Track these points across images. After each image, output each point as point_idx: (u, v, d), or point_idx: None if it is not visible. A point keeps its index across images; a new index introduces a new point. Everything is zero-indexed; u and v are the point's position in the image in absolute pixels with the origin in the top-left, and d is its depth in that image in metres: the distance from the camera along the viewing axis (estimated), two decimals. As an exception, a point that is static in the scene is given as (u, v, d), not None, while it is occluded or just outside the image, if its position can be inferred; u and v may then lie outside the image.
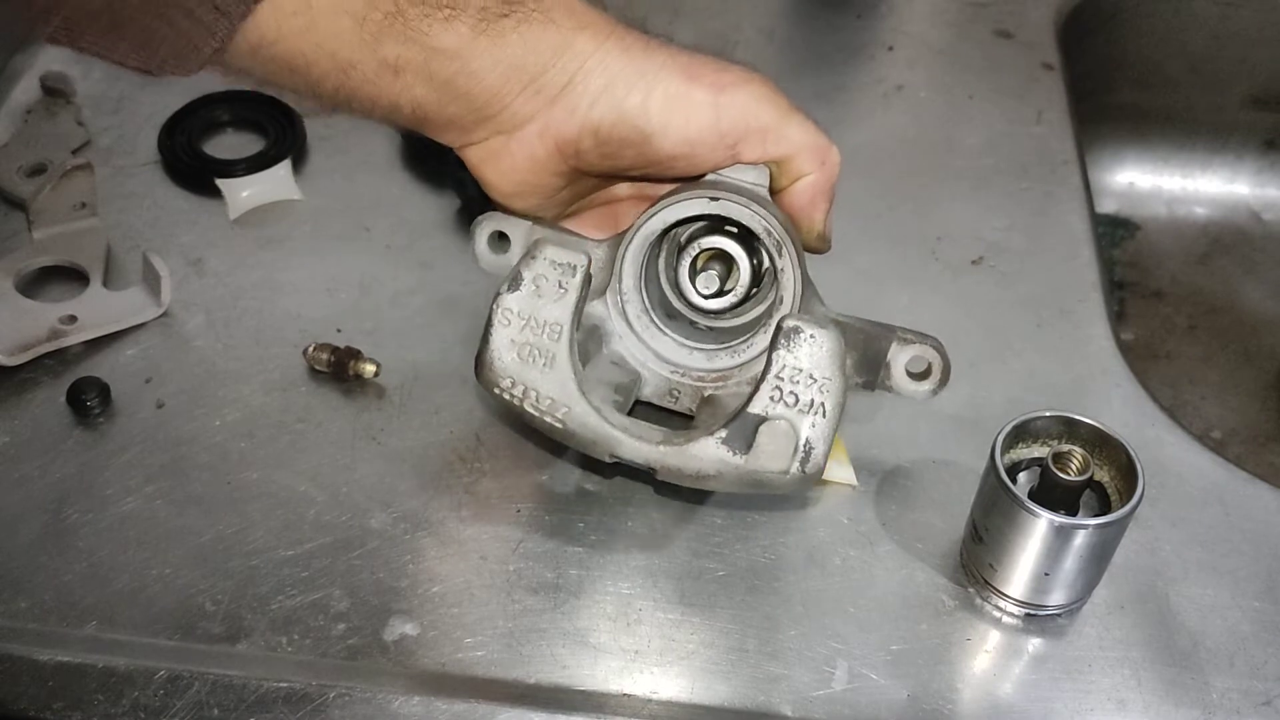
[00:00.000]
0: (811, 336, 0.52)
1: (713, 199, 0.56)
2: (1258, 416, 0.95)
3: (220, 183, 0.77)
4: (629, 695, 0.56)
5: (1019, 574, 0.57)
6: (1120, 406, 0.68)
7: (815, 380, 0.52)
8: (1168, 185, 1.09)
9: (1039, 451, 0.58)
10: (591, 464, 0.63)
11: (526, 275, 0.52)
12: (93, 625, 0.57)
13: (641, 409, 0.62)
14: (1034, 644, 0.58)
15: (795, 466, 0.53)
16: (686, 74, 0.55)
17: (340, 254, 0.75)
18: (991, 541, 0.57)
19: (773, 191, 0.58)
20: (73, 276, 0.73)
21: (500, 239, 0.60)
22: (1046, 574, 0.56)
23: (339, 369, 0.67)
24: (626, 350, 0.61)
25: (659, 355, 0.61)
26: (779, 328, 0.52)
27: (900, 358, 0.58)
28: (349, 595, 0.58)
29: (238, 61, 0.52)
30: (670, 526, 0.62)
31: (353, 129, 0.83)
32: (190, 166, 0.79)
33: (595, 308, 0.60)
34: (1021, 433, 0.57)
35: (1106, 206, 1.08)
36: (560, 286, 0.52)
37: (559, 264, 0.52)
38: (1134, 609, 0.59)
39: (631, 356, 0.61)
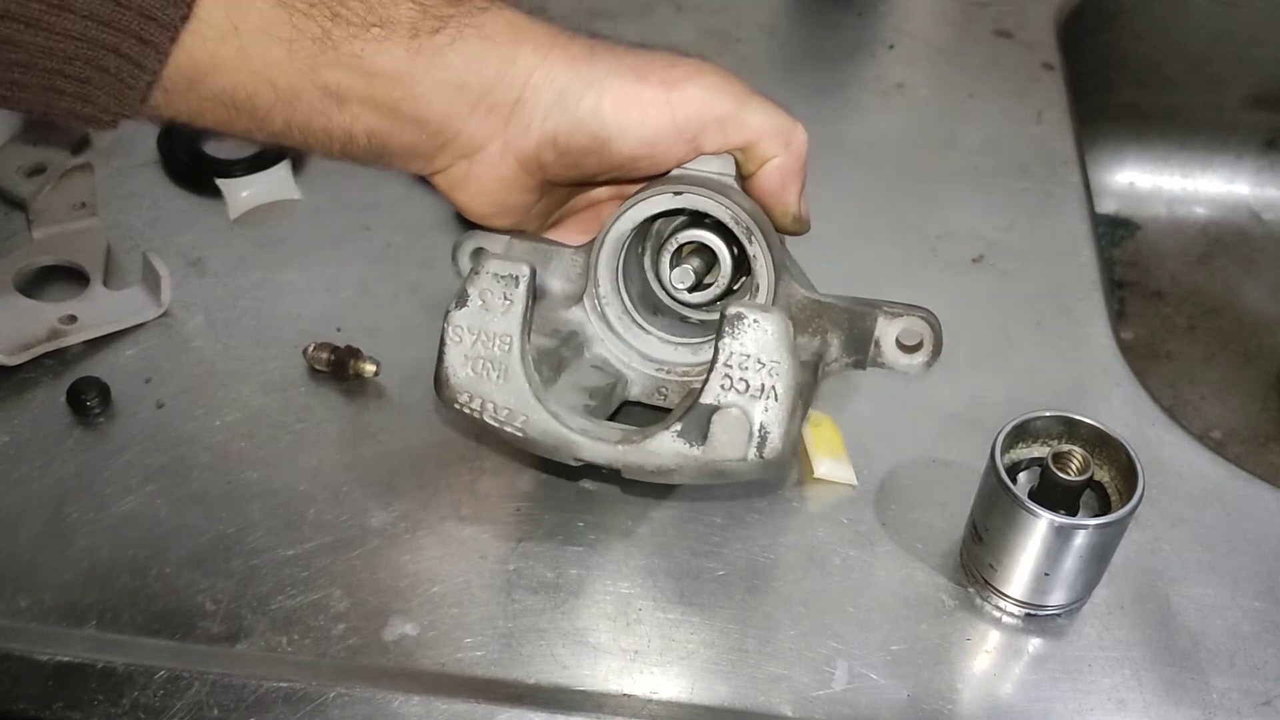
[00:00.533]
0: (755, 322, 0.51)
1: (676, 193, 0.56)
2: (1258, 416, 0.95)
3: (220, 183, 0.77)
4: (629, 695, 0.56)
5: (1019, 574, 0.57)
6: (1120, 406, 0.68)
7: (764, 365, 0.51)
8: (1168, 185, 1.09)
9: (1039, 451, 0.58)
10: (562, 468, 0.63)
11: (472, 291, 0.52)
12: (93, 625, 0.57)
13: (633, 410, 0.62)
14: (1034, 644, 0.58)
15: (752, 453, 0.52)
16: (636, 75, 0.55)
17: (340, 254, 0.75)
18: (991, 541, 0.57)
19: (742, 179, 0.58)
20: (73, 276, 0.73)
21: (481, 255, 0.60)
22: (1046, 574, 0.56)
23: (339, 369, 0.67)
24: (609, 352, 0.61)
25: (643, 354, 0.61)
26: (722, 316, 0.52)
27: (889, 332, 0.57)
28: (349, 595, 0.58)
29: (179, 102, 0.51)
30: (670, 526, 0.62)
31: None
32: (190, 166, 0.79)
33: (574, 314, 0.60)
34: (1021, 433, 0.57)
35: (1106, 206, 1.08)
36: (505, 299, 0.52)
37: (501, 276, 0.52)
38: (1134, 609, 0.59)
39: (615, 358, 0.61)
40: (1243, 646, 0.58)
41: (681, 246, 0.59)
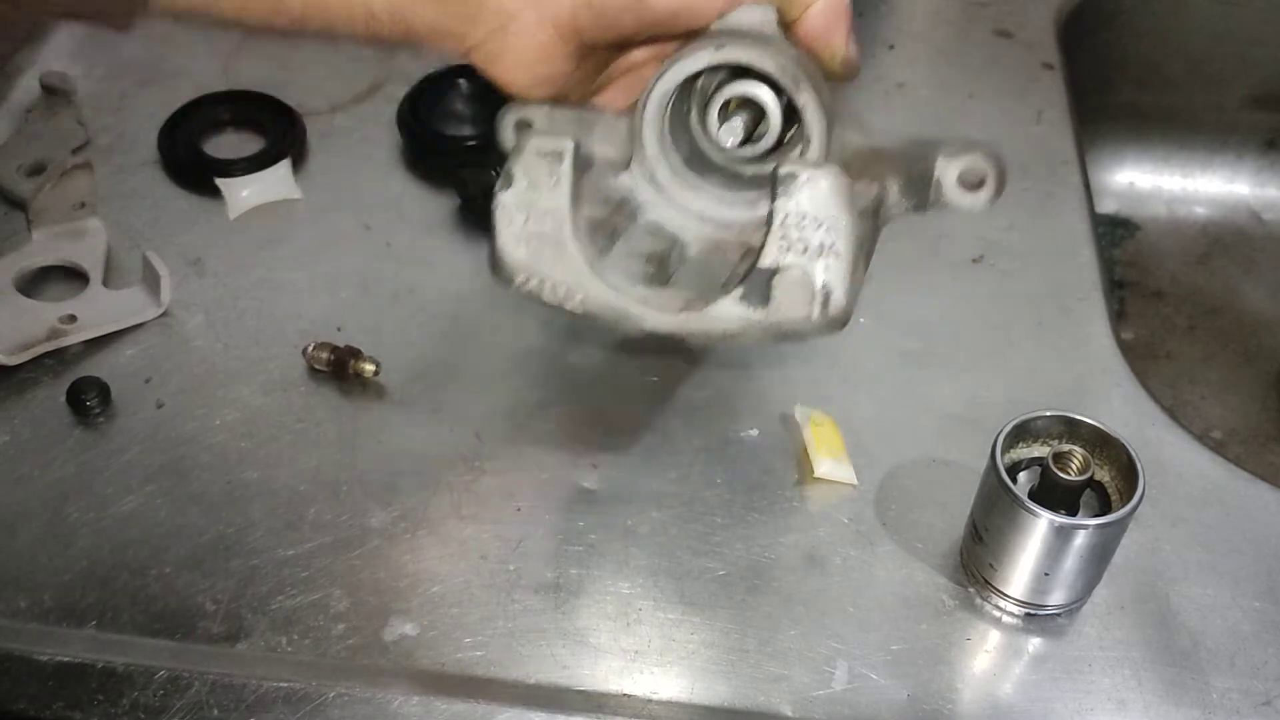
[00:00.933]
0: (808, 179, 0.49)
1: (717, 48, 0.53)
2: (1258, 416, 0.95)
3: (220, 182, 0.77)
4: (629, 695, 0.56)
5: (1019, 574, 0.57)
6: (1120, 406, 0.68)
7: (821, 223, 0.49)
8: (1168, 185, 1.09)
9: (1039, 451, 0.58)
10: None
11: (517, 171, 0.51)
12: (93, 625, 0.57)
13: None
14: (1034, 644, 0.58)
15: (817, 312, 0.50)
16: None
17: (340, 254, 0.75)
18: (991, 541, 0.57)
19: (785, 26, 0.55)
20: (73, 276, 0.73)
21: (524, 127, 0.57)
22: (1046, 574, 0.56)
23: (339, 368, 0.67)
24: (662, 216, 0.58)
25: (699, 215, 0.58)
26: (774, 176, 0.50)
27: (949, 172, 0.54)
28: (349, 595, 0.58)
29: None
30: (670, 526, 0.62)
31: (353, 129, 0.83)
32: (190, 166, 0.79)
33: (623, 180, 0.57)
34: (1021, 433, 0.57)
35: (1106, 206, 1.08)
36: (551, 175, 0.51)
37: (545, 153, 0.51)
38: (1134, 609, 0.59)
39: (669, 222, 0.58)
40: (1243, 646, 0.58)
41: (728, 102, 0.56)
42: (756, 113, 0.56)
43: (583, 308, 0.52)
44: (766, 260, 0.50)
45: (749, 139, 0.56)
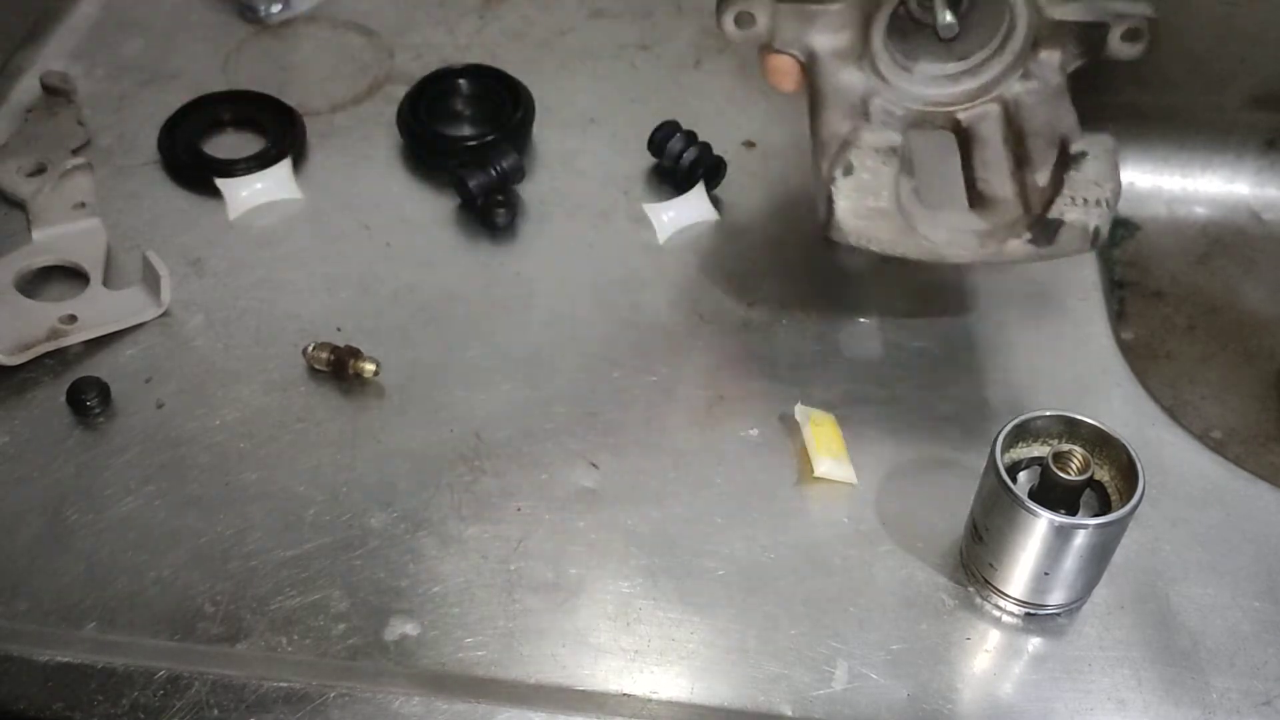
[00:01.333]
0: (1096, 157, 0.60)
1: None
2: (1258, 416, 0.95)
3: (220, 183, 0.77)
4: (629, 695, 0.56)
5: (1019, 574, 0.57)
6: (1120, 406, 0.68)
7: (1100, 185, 0.60)
8: (1168, 185, 1.09)
9: (1039, 451, 0.58)
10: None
11: (855, 161, 0.59)
12: (92, 626, 0.57)
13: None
14: (1034, 644, 0.58)
15: (1088, 246, 0.62)
16: None
17: (340, 253, 0.75)
18: (991, 541, 0.57)
19: None
20: (73, 276, 0.73)
21: (747, 19, 0.65)
22: (1046, 574, 0.56)
23: (339, 368, 0.67)
24: (886, 102, 0.67)
25: (914, 96, 0.67)
26: (1066, 152, 0.60)
27: (1116, 30, 0.66)
28: (349, 595, 0.58)
29: None
30: (670, 526, 0.62)
31: (353, 129, 0.83)
32: (190, 166, 0.79)
33: (852, 77, 0.66)
34: (1021, 432, 0.57)
35: (1106, 206, 1.08)
36: (885, 164, 0.59)
37: (879, 149, 0.59)
38: (1134, 609, 0.59)
39: (894, 105, 0.67)
40: (1243, 646, 0.58)
41: None
42: None
43: (904, 255, 0.62)
44: (1054, 213, 0.61)
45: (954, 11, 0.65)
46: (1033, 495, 0.55)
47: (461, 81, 0.84)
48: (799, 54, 0.67)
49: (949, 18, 0.65)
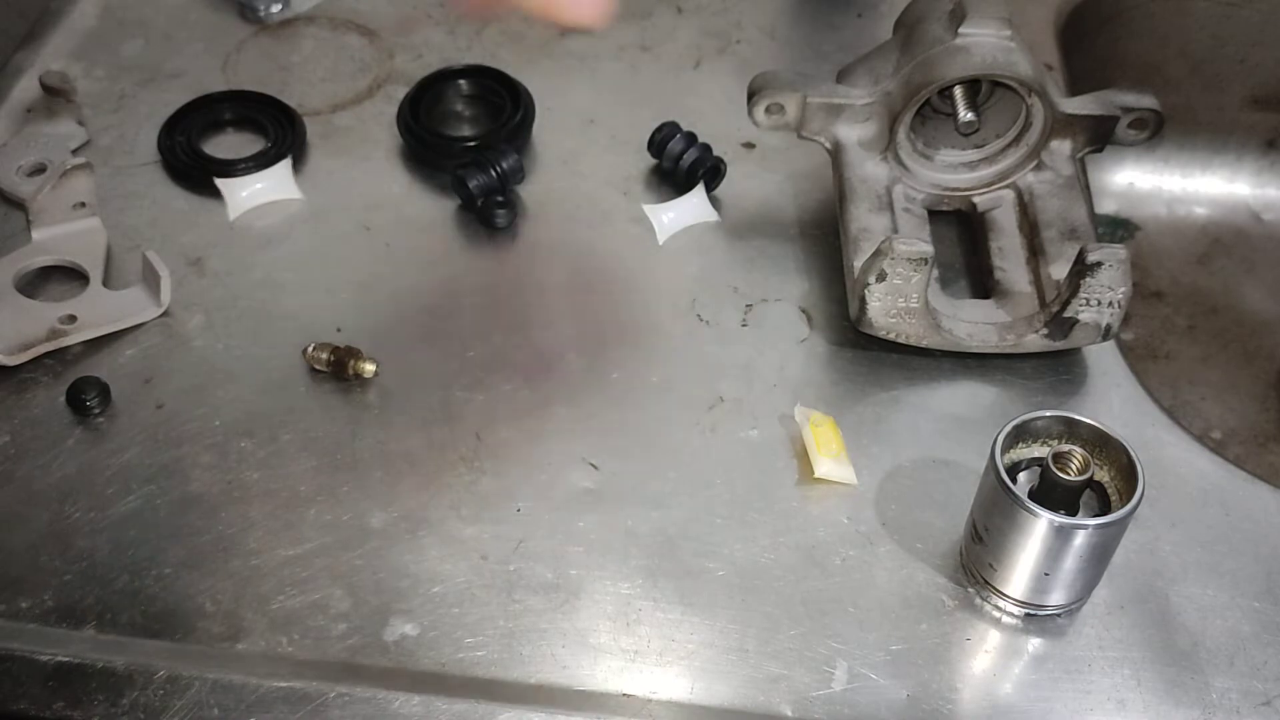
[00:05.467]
0: (1110, 266, 0.63)
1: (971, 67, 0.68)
2: (1258, 416, 0.95)
3: (220, 183, 0.77)
4: (629, 695, 0.56)
5: (1019, 574, 0.57)
6: (1120, 406, 0.68)
7: (1112, 289, 0.64)
8: (1168, 185, 1.09)
9: (1039, 451, 0.58)
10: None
11: (888, 269, 0.63)
12: (93, 625, 0.57)
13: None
14: (1034, 644, 0.58)
15: (1098, 341, 0.67)
16: None
17: (340, 253, 0.75)
18: (991, 541, 0.57)
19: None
20: (73, 276, 0.73)
21: (777, 110, 0.72)
22: (1046, 574, 0.56)
23: (339, 368, 0.67)
24: (907, 188, 0.73)
25: (932, 183, 0.73)
26: (1083, 260, 0.63)
27: (1124, 120, 0.73)
28: (349, 595, 0.58)
29: None
30: (670, 526, 0.62)
31: (353, 129, 0.83)
32: (190, 166, 0.79)
33: (878, 170, 0.72)
34: (1021, 433, 0.57)
35: (1106, 206, 1.08)
36: (915, 271, 0.63)
37: (912, 258, 0.63)
38: (1134, 609, 0.59)
39: (915, 190, 0.73)
40: (1243, 646, 0.58)
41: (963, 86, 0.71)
42: (975, 89, 0.71)
43: (929, 346, 0.68)
44: (1070, 312, 0.66)
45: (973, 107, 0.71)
46: (1033, 496, 0.55)
47: (461, 82, 0.84)
48: (826, 142, 0.73)
49: (970, 115, 0.69)
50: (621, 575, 0.60)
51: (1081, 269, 0.64)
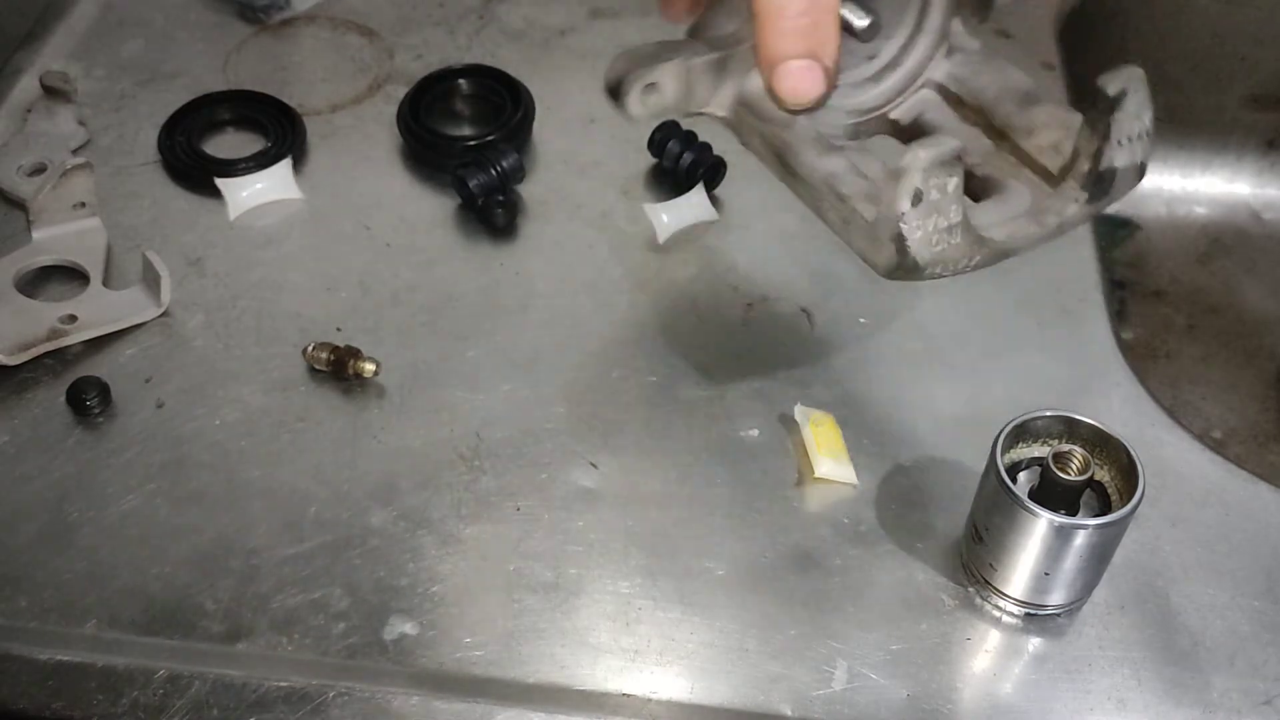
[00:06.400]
0: (1135, 90, 0.55)
1: None
2: (1258, 416, 0.95)
3: (220, 183, 0.77)
4: (629, 695, 0.56)
5: (1019, 574, 0.57)
6: (1120, 406, 0.68)
7: (1140, 118, 0.56)
8: (1168, 185, 1.09)
9: (1039, 451, 0.58)
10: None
11: (921, 184, 0.53)
12: (92, 624, 0.57)
13: None
14: (1034, 644, 0.58)
15: (1138, 180, 0.58)
16: None
17: (340, 253, 0.75)
18: (991, 541, 0.57)
19: None
20: (73, 276, 0.73)
21: (653, 90, 0.56)
22: (1046, 574, 0.56)
23: (339, 368, 0.67)
24: (821, 127, 0.60)
25: (847, 113, 0.62)
26: (1104, 95, 0.55)
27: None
28: (349, 594, 0.58)
29: None
30: (670, 526, 0.62)
31: (353, 129, 0.83)
32: (190, 166, 0.79)
33: (789, 118, 0.59)
34: (1021, 432, 0.57)
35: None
36: (950, 175, 0.53)
37: (943, 161, 0.52)
38: (1134, 609, 0.59)
39: (830, 127, 0.61)
40: (1243, 646, 0.58)
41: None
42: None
43: (975, 268, 0.57)
44: (1105, 163, 0.56)
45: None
46: (1033, 495, 0.55)
47: (461, 81, 0.84)
48: (720, 109, 0.60)
49: (866, 20, 0.58)
50: (621, 575, 0.60)
51: (1107, 105, 0.55)
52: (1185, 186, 1.09)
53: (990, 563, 0.57)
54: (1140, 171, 0.58)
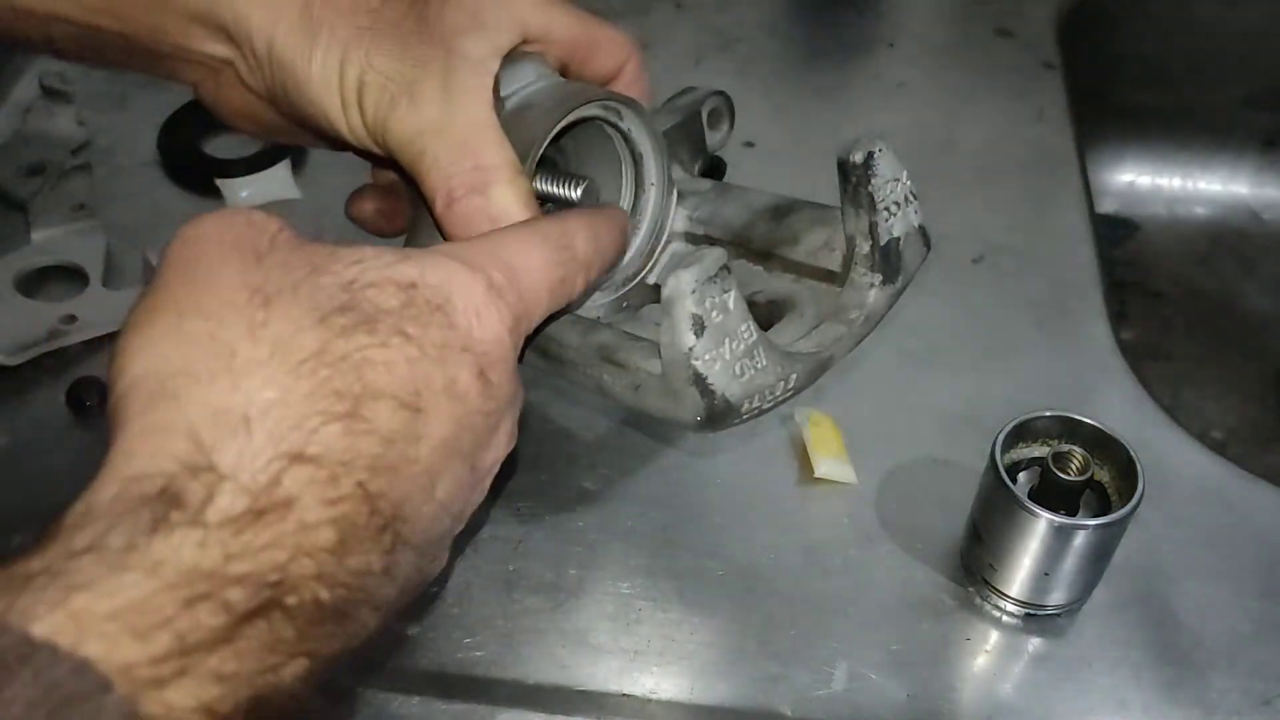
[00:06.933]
0: (881, 152, 0.51)
1: (604, 104, 0.52)
2: (1258, 416, 0.95)
3: (220, 183, 0.77)
4: (629, 695, 0.56)
5: (1019, 574, 0.57)
6: (1120, 406, 0.68)
7: (898, 179, 0.52)
8: (1168, 185, 1.09)
9: (1039, 451, 0.58)
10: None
11: (698, 309, 0.46)
12: (93, 625, 0.57)
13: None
14: (1034, 644, 0.58)
15: (927, 247, 0.54)
16: None
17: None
18: (991, 541, 0.57)
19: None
20: (73, 276, 0.73)
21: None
22: (1046, 574, 0.56)
23: (339, 369, 0.67)
24: (593, 309, 0.56)
25: (605, 288, 0.57)
26: (851, 165, 0.50)
27: (704, 116, 0.59)
28: (349, 595, 0.58)
29: None
30: (670, 526, 0.62)
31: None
32: (190, 166, 0.79)
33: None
34: (1021, 433, 0.57)
35: (1106, 206, 1.08)
36: (726, 290, 0.47)
37: (712, 275, 0.46)
38: (1134, 609, 0.59)
39: (595, 309, 0.57)
40: (1243, 646, 0.58)
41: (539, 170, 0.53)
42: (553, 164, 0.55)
43: (796, 391, 0.51)
44: (883, 236, 0.52)
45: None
46: (1033, 495, 0.55)
47: (461, 81, 0.84)
48: None
49: (578, 189, 0.52)
50: (621, 575, 0.60)
51: (860, 174, 0.50)
52: (1185, 186, 1.10)
53: (990, 563, 0.57)
54: (925, 237, 0.54)
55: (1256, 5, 1.01)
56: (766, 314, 0.54)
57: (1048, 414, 0.58)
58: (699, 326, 0.46)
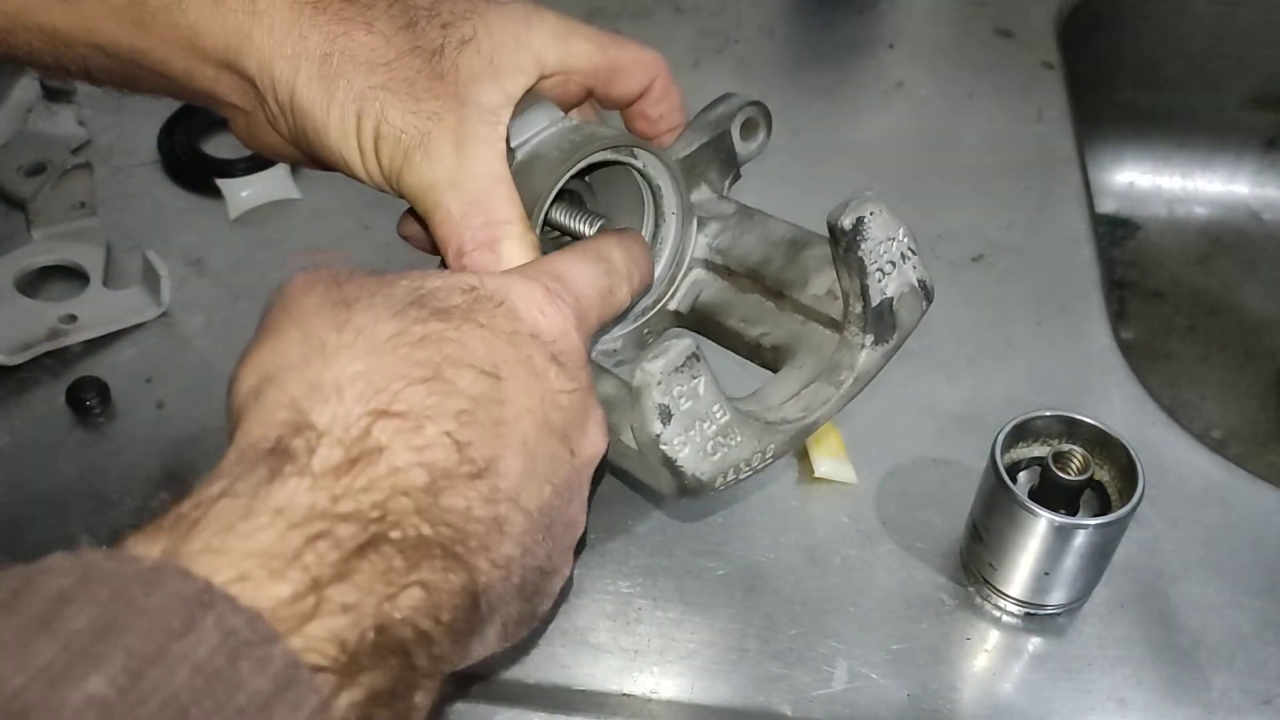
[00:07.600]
0: (874, 214, 0.51)
1: (620, 148, 0.53)
2: (1258, 416, 0.95)
3: (220, 182, 0.77)
4: (629, 695, 0.56)
5: (1019, 573, 0.57)
6: (1120, 406, 0.68)
7: (894, 239, 0.52)
8: (1168, 185, 1.09)
9: (1039, 451, 0.58)
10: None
11: (666, 401, 0.48)
12: (93, 625, 0.57)
13: None
14: (1034, 643, 0.58)
15: (926, 302, 0.54)
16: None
17: (340, 253, 0.75)
18: (991, 541, 0.57)
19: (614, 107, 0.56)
20: (73, 276, 0.73)
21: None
22: (1046, 573, 0.56)
23: (339, 369, 0.67)
24: (604, 342, 0.58)
25: (628, 317, 0.58)
26: (840, 229, 0.51)
27: (736, 130, 0.59)
28: (349, 595, 0.58)
29: None
30: (670, 526, 0.62)
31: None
32: (190, 166, 0.79)
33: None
34: (1021, 432, 0.57)
35: (1106, 206, 1.08)
36: (695, 375, 0.48)
37: (682, 365, 0.48)
38: (1134, 608, 0.59)
39: (611, 341, 0.58)
40: (1243, 646, 0.58)
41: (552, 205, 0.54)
42: (577, 196, 0.56)
43: (779, 454, 0.52)
44: (876, 297, 0.52)
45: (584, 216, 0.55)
46: (1033, 495, 0.55)
47: (461, 81, 0.84)
48: None
49: (594, 225, 0.54)
50: (621, 574, 0.60)
51: (849, 240, 0.51)
52: (1185, 186, 1.10)
53: (990, 562, 0.57)
54: (924, 292, 0.54)
55: (1256, 5, 1.01)
56: (773, 357, 0.56)
57: (1048, 414, 0.58)
58: (665, 415, 0.48)
